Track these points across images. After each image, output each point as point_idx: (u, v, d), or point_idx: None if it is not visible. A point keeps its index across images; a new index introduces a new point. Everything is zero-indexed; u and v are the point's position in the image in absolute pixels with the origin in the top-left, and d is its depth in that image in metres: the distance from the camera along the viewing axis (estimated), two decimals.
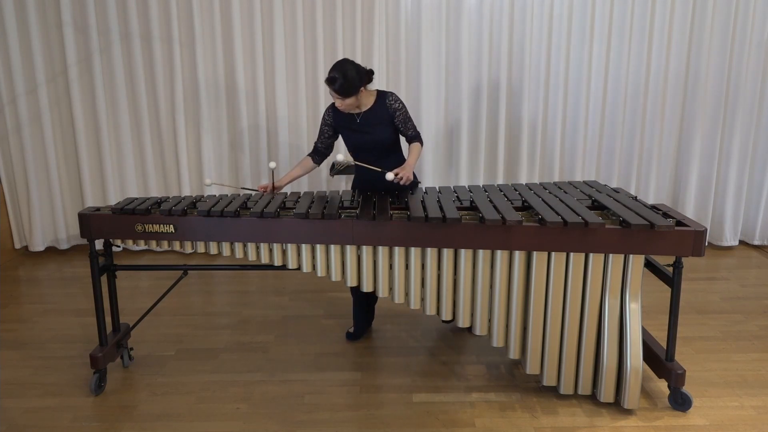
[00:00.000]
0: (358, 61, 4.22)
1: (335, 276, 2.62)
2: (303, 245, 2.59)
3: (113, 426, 2.52)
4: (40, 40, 4.18)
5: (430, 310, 2.62)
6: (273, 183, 2.93)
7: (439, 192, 2.84)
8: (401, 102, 2.88)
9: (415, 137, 2.91)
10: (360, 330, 3.23)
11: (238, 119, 4.33)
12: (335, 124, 2.93)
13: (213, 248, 2.65)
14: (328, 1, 4.15)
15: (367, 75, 2.77)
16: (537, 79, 4.32)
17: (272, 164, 2.90)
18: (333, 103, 2.88)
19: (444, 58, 4.26)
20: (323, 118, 2.96)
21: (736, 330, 3.29)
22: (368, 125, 2.85)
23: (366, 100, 2.84)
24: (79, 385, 2.81)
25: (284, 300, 3.76)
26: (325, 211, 2.54)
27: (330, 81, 2.69)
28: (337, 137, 3.01)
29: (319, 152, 3.03)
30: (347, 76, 2.67)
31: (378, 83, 4.26)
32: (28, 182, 4.39)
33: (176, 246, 2.75)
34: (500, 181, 4.47)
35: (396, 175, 2.70)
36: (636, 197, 2.80)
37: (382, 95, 2.87)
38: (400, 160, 2.96)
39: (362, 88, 2.75)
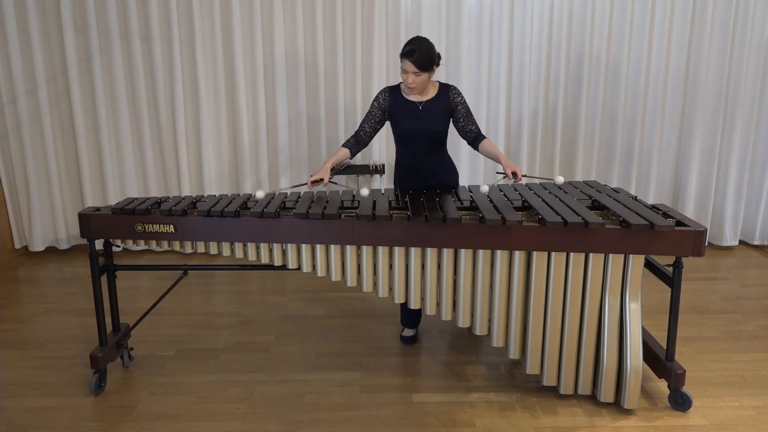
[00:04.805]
0: (358, 60, 4.24)
1: (335, 276, 2.62)
2: (303, 245, 2.59)
3: (113, 426, 2.52)
4: (40, 40, 4.18)
5: (430, 310, 2.62)
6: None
7: (439, 192, 2.84)
8: (463, 96, 2.88)
9: (480, 133, 2.89)
10: (415, 324, 3.21)
11: (238, 119, 4.33)
12: (391, 108, 2.86)
13: (213, 248, 2.65)
14: (328, 1, 4.15)
15: (438, 57, 2.76)
16: (537, 78, 4.32)
17: (260, 193, 2.68)
18: (388, 87, 2.89)
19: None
20: (376, 100, 2.88)
21: (736, 330, 3.29)
22: (428, 114, 2.83)
23: (430, 89, 2.85)
24: (79, 385, 2.81)
25: (284, 300, 3.76)
26: (325, 211, 2.54)
27: (409, 53, 2.66)
28: (383, 125, 2.94)
29: (360, 140, 2.89)
30: (426, 49, 2.67)
31: (377, 83, 4.26)
32: (28, 182, 4.39)
33: (176, 246, 2.75)
34: (482, 174, 4.47)
35: (514, 174, 2.64)
36: (636, 197, 2.80)
37: (444, 87, 2.87)
38: (445, 156, 2.96)
39: (434, 67, 2.75)
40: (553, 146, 4.42)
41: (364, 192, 2.70)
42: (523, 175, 2.68)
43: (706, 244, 4.13)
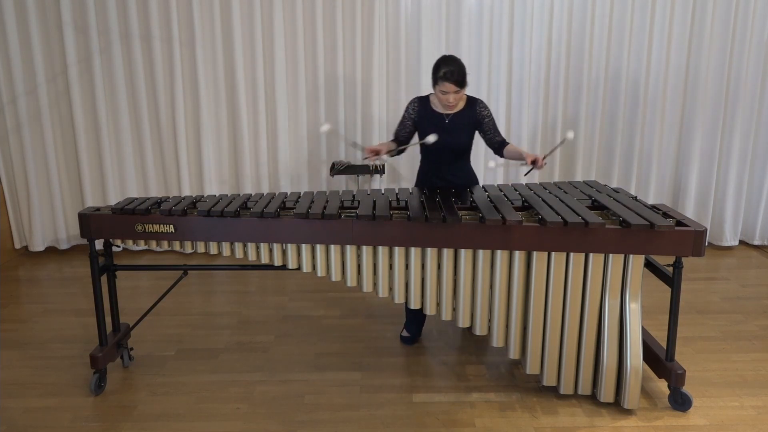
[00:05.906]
0: (358, 61, 4.24)
1: (335, 276, 2.62)
2: (303, 245, 2.59)
3: (113, 426, 2.52)
4: (40, 40, 4.18)
5: (430, 310, 2.62)
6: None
7: (439, 192, 2.84)
8: (489, 109, 2.93)
9: (504, 141, 2.93)
10: (417, 333, 3.19)
11: (238, 119, 4.33)
12: (419, 118, 2.92)
13: (213, 248, 2.65)
14: (328, 1, 4.15)
15: None
16: (537, 78, 4.32)
17: (325, 127, 2.80)
18: (419, 98, 2.95)
19: None
20: (407, 110, 2.95)
21: (736, 330, 3.29)
22: (455, 127, 2.88)
23: (459, 102, 2.89)
24: (79, 385, 2.81)
25: (284, 300, 3.76)
26: (325, 211, 2.54)
27: (448, 75, 2.71)
28: (415, 132, 2.99)
29: (400, 142, 2.98)
30: (459, 65, 2.75)
31: (377, 83, 4.26)
32: (28, 182, 4.39)
33: (176, 246, 2.75)
34: (501, 181, 4.47)
35: (534, 163, 2.65)
36: (636, 197, 2.80)
37: (472, 101, 2.92)
38: (467, 166, 3.01)
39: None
40: (553, 146, 4.42)
41: (431, 138, 2.69)
42: (543, 160, 2.65)
43: (706, 244, 4.13)
